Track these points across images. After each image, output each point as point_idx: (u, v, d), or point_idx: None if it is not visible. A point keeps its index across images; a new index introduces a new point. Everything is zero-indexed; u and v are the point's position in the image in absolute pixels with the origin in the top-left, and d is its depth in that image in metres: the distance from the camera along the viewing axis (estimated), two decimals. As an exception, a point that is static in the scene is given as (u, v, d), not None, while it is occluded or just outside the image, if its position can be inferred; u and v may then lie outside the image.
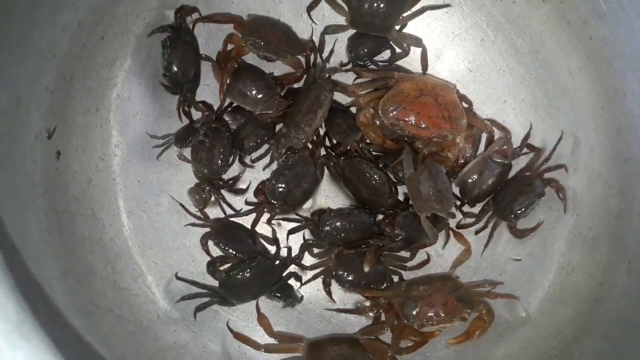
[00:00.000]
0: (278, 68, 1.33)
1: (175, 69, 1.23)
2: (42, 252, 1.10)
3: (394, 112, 1.22)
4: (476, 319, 1.29)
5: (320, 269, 1.32)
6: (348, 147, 1.32)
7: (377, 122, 1.27)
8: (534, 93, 1.34)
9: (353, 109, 1.33)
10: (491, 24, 1.33)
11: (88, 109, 1.24)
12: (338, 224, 1.28)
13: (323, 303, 1.35)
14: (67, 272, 1.14)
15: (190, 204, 1.34)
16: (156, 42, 1.27)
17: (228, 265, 1.30)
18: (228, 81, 1.26)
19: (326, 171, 1.35)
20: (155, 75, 1.30)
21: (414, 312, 1.23)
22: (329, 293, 1.33)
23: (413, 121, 1.22)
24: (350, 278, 1.27)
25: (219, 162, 1.28)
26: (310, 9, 1.30)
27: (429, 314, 1.23)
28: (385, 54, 1.34)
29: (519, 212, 1.27)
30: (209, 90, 1.34)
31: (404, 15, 1.28)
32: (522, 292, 1.34)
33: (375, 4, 1.21)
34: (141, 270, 1.31)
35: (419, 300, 1.24)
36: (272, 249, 1.33)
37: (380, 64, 1.33)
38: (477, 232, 1.35)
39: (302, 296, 1.34)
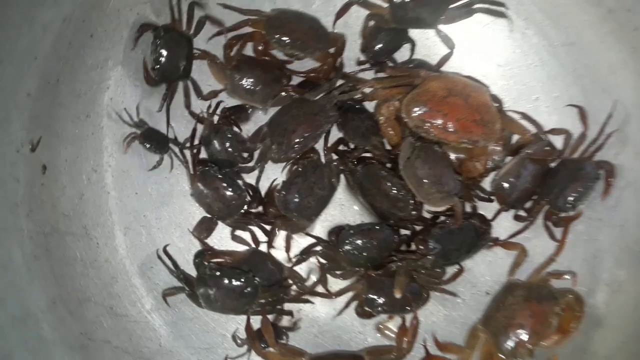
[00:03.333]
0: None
1: (165, 61, 1.19)
2: (27, 280, 1.08)
3: (419, 113, 1.15)
4: (565, 311, 1.22)
5: (350, 295, 1.25)
6: (364, 153, 1.25)
7: (400, 117, 1.18)
8: (570, 90, 1.26)
9: (370, 107, 1.25)
10: (521, 13, 1.25)
11: (77, 115, 1.21)
12: (359, 242, 1.20)
13: (340, 325, 1.30)
14: (56, 301, 1.12)
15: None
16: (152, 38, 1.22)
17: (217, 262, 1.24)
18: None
19: (341, 178, 1.28)
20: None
21: (511, 345, 1.18)
22: (370, 316, 1.27)
23: (439, 123, 1.14)
24: (381, 301, 1.21)
25: (233, 194, 1.23)
26: (339, 15, 1.23)
27: (524, 336, 1.18)
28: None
29: (573, 200, 1.21)
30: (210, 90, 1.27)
31: (451, 6, 1.22)
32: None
33: None
34: (140, 293, 1.27)
35: (507, 330, 1.19)
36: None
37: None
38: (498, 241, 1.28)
39: (286, 333, 1.29)
